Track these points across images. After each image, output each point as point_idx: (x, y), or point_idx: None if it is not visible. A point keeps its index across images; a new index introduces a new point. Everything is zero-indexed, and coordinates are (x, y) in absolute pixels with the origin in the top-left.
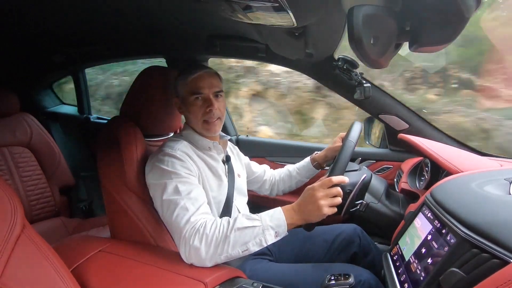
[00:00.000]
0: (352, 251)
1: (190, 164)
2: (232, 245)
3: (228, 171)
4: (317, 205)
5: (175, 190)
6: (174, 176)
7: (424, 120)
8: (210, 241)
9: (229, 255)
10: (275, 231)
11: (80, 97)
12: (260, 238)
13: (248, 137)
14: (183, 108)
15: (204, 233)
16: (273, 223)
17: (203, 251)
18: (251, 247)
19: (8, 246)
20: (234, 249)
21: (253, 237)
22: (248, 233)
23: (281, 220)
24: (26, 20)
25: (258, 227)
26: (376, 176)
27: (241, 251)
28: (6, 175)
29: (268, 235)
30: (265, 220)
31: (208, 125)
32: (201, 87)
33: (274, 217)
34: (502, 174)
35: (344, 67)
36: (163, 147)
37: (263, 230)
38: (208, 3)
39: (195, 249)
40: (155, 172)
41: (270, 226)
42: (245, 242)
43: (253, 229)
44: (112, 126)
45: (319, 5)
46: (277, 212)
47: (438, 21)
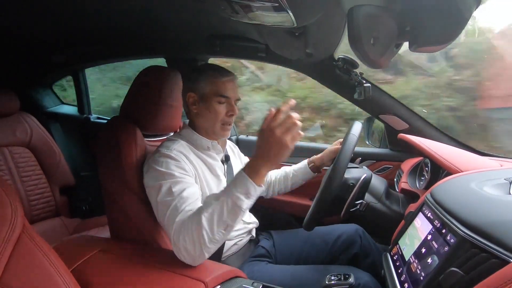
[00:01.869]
0: (353, 252)
1: (185, 164)
2: (209, 229)
3: (227, 171)
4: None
5: (169, 191)
6: (168, 177)
7: (424, 120)
8: (191, 235)
9: (213, 239)
10: (244, 193)
11: (80, 97)
12: (233, 209)
13: (248, 137)
14: (200, 105)
15: (185, 229)
16: (239, 187)
17: (190, 248)
18: (229, 222)
19: (8, 246)
20: (213, 232)
21: (226, 211)
22: (218, 210)
23: (246, 181)
24: (26, 20)
25: (226, 199)
26: (376, 176)
27: (223, 229)
28: (6, 175)
29: (239, 201)
30: (230, 190)
31: (225, 128)
32: (229, 91)
33: (238, 182)
34: (502, 174)
35: (344, 67)
36: (160, 147)
37: (232, 200)
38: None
39: (184, 248)
40: (150, 173)
41: (236, 192)
42: (219, 219)
43: (221, 204)
44: (112, 126)
45: (319, 5)
46: (239, 177)
47: (438, 21)
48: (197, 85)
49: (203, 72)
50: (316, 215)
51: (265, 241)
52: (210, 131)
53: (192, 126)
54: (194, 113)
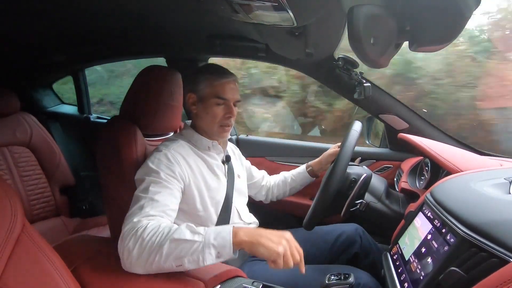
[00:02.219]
0: (353, 251)
1: (178, 167)
2: (165, 257)
3: (228, 171)
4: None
5: (145, 189)
6: (153, 174)
7: (424, 119)
8: (144, 247)
9: (160, 267)
10: (217, 251)
11: (80, 97)
12: (197, 256)
13: (248, 137)
14: (198, 106)
15: (140, 237)
16: (217, 241)
17: (135, 255)
18: (186, 264)
19: (8, 246)
20: (166, 262)
21: (190, 253)
22: (185, 247)
23: (227, 240)
24: (26, 19)
25: (198, 243)
26: (376, 175)
27: (175, 265)
28: (6, 174)
29: (207, 254)
30: (209, 236)
31: (223, 130)
32: (227, 93)
33: (220, 236)
34: (502, 174)
35: (344, 67)
36: (160, 145)
37: (203, 248)
38: (208, 3)
39: (128, 251)
40: (142, 167)
41: (212, 244)
42: (180, 256)
43: (192, 244)
44: (112, 126)
45: (319, 5)
46: (225, 231)
47: (438, 20)
48: (197, 86)
49: (203, 73)
50: (316, 215)
51: None
52: (208, 132)
53: (193, 126)
54: (194, 114)
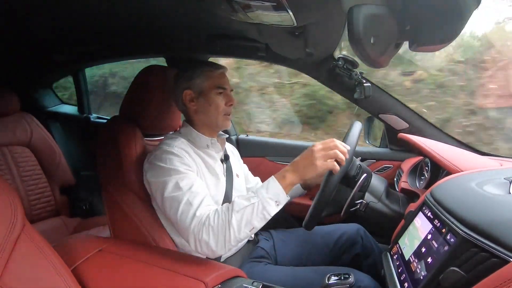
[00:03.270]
0: (354, 252)
1: (188, 160)
2: (237, 229)
3: (227, 170)
4: (312, 158)
5: (176, 186)
6: (173, 172)
7: (424, 119)
8: (216, 232)
9: (238, 238)
10: (275, 200)
11: (80, 96)
12: (262, 212)
13: (248, 137)
14: (199, 101)
15: (209, 226)
16: (270, 193)
17: (212, 243)
18: (256, 224)
19: (9, 246)
20: (240, 232)
21: (256, 214)
22: (248, 212)
23: (277, 188)
24: (26, 19)
25: (257, 203)
26: (376, 175)
27: (248, 231)
28: (6, 174)
29: (269, 207)
30: (262, 194)
31: (227, 118)
32: (224, 83)
33: (270, 188)
34: (502, 174)
35: (344, 67)
36: (161, 144)
37: (263, 204)
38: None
39: (205, 243)
40: (154, 170)
41: (268, 197)
42: (248, 221)
43: (252, 207)
44: (111, 126)
45: (319, 5)
46: (271, 182)
47: (438, 20)
48: (193, 82)
49: (197, 68)
50: (316, 215)
51: (265, 241)
52: (213, 124)
53: (190, 124)
54: (193, 110)
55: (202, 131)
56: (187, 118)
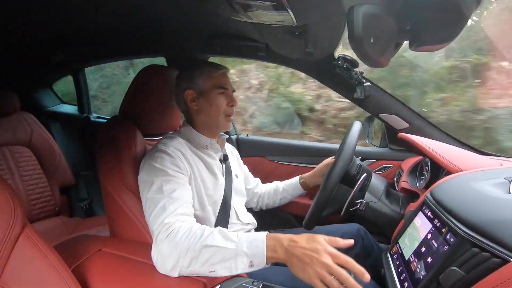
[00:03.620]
0: (354, 252)
1: (181, 162)
2: (200, 263)
3: (226, 171)
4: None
5: (159, 189)
6: (160, 173)
7: (424, 119)
8: (178, 252)
9: (194, 271)
10: (250, 260)
11: (80, 96)
12: (230, 264)
13: (248, 137)
14: (200, 101)
15: (174, 241)
16: (250, 250)
17: (170, 260)
18: (219, 270)
19: (9, 245)
20: (201, 267)
21: (223, 260)
22: (218, 254)
23: (260, 249)
24: (26, 19)
25: (231, 250)
26: (376, 175)
27: (208, 271)
28: (6, 174)
29: (240, 263)
30: (242, 244)
31: (228, 119)
32: (226, 83)
33: (253, 244)
34: (502, 173)
35: (344, 66)
36: (158, 143)
37: (236, 256)
38: (208, 2)
39: (162, 256)
40: (145, 169)
41: (245, 253)
42: (213, 263)
43: (225, 251)
44: (111, 126)
45: (319, 4)
46: (258, 239)
47: (438, 20)
48: (194, 82)
49: (198, 68)
50: (316, 214)
51: None
52: (213, 125)
53: (191, 124)
54: (194, 110)
55: (202, 131)
56: (187, 119)
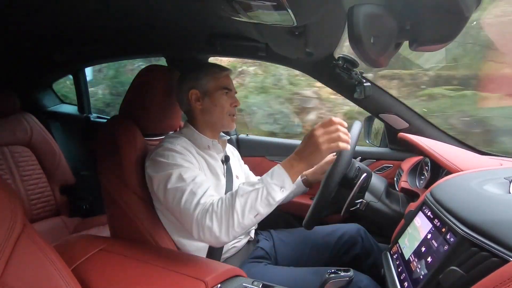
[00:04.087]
0: (354, 252)
1: (190, 158)
2: (241, 213)
3: (227, 171)
4: (316, 144)
5: (179, 178)
6: (175, 167)
7: (424, 119)
8: (220, 217)
9: (242, 224)
10: (280, 186)
11: (80, 96)
12: (267, 198)
13: (248, 136)
14: (205, 100)
15: (213, 211)
16: (275, 179)
17: (216, 228)
18: (261, 210)
19: (9, 246)
20: (244, 217)
21: (260, 199)
22: (252, 197)
23: (283, 173)
24: (26, 19)
25: (262, 188)
26: (376, 175)
27: (253, 217)
28: (6, 174)
29: (273, 192)
30: (267, 179)
31: (231, 119)
32: (230, 84)
33: (275, 174)
34: (502, 173)
35: (344, 66)
36: (163, 142)
37: (267, 189)
38: (208, 2)
39: (208, 228)
40: (155, 165)
41: (273, 183)
42: (252, 206)
43: (257, 192)
44: (111, 125)
45: (319, 4)
46: (276, 169)
47: (438, 20)
48: (199, 82)
49: (203, 69)
50: (316, 214)
51: (265, 241)
52: (218, 125)
53: (193, 125)
54: (198, 110)
55: (204, 131)
56: (190, 118)
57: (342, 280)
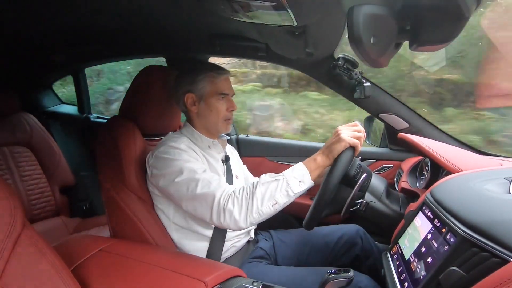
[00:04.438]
0: (354, 253)
1: (196, 155)
2: (261, 200)
3: (226, 171)
4: (337, 135)
5: (190, 170)
6: (183, 161)
7: (424, 119)
8: (240, 201)
9: (260, 212)
10: (299, 180)
11: (80, 96)
12: (286, 189)
13: (248, 137)
14: (200, 105)
15: (235, 196)
16: (295, 173)
17: (236, 212)
18: (279, 200)
19: (8, 246)
20: (263, 204)
21: (279, 189)
22: (272, 186)
23: (303, 170)
24: (26, 19)
25: (282, 180)
26: (376, 175)
27: (271, 205)
28: (6, 174)
29: (293, 185)
30: (288, 172)
31: (227, 123)
32: (227, 89)
33: (296, 169)
34: (502, 173)
35: (344, 66)
36: (166, 141)
37: (287, 181)
38: (208, 2)
39: (229, 211)
40: (161, 162)
41: (293, 176)
42: (271, 195)
43: (277, 182)
44: (111, 126)
45: (319, 4)
46: (298, 165)
47: (438, 20)
48: (195, 86)
49: (200, 72)
50: (316, 215)
51: (264, 241)
52: (213, 129)
53: (191, 124)
54: (194, 114)
55: (202, 132)
56: (188, 119)
57: (342, 280)
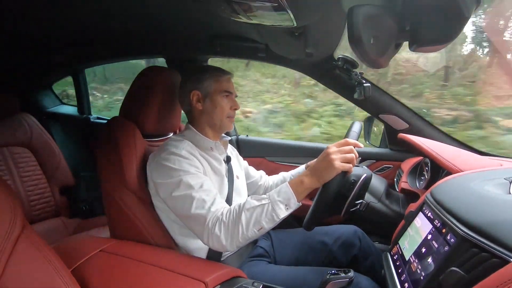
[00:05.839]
0: (352, 254)
1: (197, 162)
2: (246, 226)
3: (228, 172)
4: (329, 160)
5: (187, 185)
6: (182, 173)
7: (424, 119)
8: (227, 227)
9: (246, 237)
10: (285, 204)
11: (80, 97)
12: (271, 214)
13: (248, 137)
14: (205, 102)
15: (222, 221)
16: (281, 197)
17: (223, 238)
18: (265, 225)
19: (8, 247)
20: (248, 230)
21: (264, 215)
22: (258, 212)
23: (288, 193)
24: (26, 20)
25: (267, 204)
26: (376, 175)
27: (257, 230)
28: (6, 175)
29: (278, 210)
30: (273, 196)
31: (230, 121)
32: (231, 88)
33: (281, 192)
34: (502, 174)
35: (344, 67)
36: (167, 146)
37: (273, 206)
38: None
39: (216, 237)
40: (162, 171)
41: (278, 200)
42: (257, 220)
43: (262, 207)
44: (112, 126)
45: (319, 5)
46: (283, 187)
47: (438, 20)
48: (201, 84)
49: (206, 72)
50: (316, 215)
51: (264, 241)
52: (216, 125)
53: (193, 125)
54: (198, 111)
55: (205, 132)
56: (190, 119)
57: (342, 281)
